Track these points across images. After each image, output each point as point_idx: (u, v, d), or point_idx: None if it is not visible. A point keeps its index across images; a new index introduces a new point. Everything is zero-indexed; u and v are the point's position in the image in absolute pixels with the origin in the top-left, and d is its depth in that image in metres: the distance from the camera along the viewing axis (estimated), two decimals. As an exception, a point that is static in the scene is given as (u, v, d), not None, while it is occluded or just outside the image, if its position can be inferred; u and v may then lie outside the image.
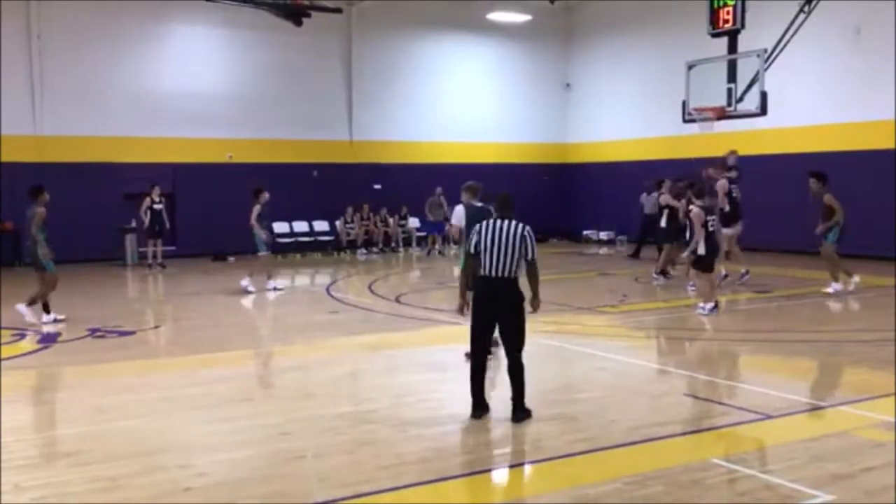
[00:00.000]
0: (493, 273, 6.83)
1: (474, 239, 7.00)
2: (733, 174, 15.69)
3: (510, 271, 6.83)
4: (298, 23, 21.07)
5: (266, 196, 15.71)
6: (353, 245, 23.64)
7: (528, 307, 6.97)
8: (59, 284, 12.60)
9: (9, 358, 9.71)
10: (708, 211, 12.76)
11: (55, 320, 12.06)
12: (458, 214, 9.49)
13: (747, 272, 15.36)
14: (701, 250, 12.43)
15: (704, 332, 11.46)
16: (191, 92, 22.54)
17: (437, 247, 23.37)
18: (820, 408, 7.37)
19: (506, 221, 7.02)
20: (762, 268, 17.55)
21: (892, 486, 5.38)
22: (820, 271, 17.26)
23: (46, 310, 12.18)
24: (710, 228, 12.58)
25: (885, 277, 16.03)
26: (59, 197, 20.79)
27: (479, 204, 9.36)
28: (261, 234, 15.58)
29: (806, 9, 16.66)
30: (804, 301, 13.88)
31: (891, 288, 14.89)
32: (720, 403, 7.49)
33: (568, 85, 28.40)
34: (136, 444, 6.46)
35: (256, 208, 15.64)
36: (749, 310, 13.25)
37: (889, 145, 19.07)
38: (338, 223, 23.73)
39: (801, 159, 20.96)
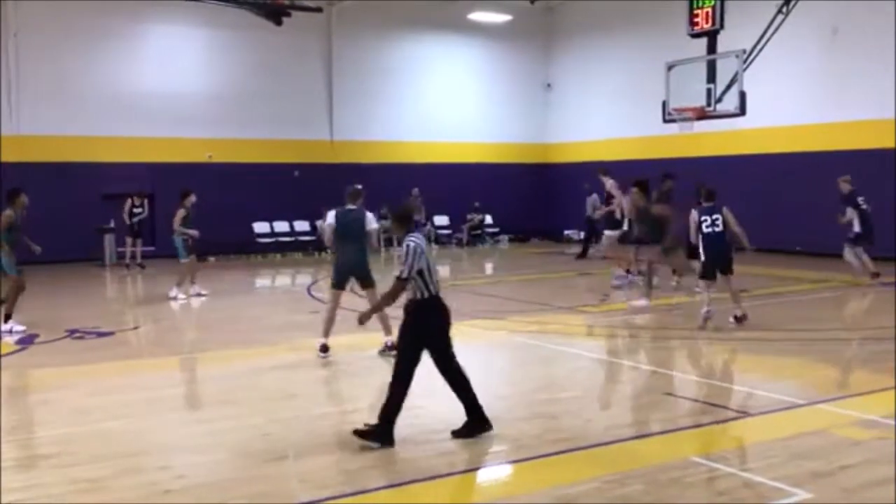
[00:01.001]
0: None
1: (421, 261, 6.42)
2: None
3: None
4: (279, 22, 21.00)
5: (193, 199, 15.07)
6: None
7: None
8: (38, 285, 12.47)
9: (-14, 360, 9.63)
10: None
11: (11, 331, 11.30)
12: (330, 217, 9.52)
13: (629, 272, 15.58)
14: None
15: (684, 332, 11.52)
16: (170, 91, 22.42)
17: None
18: (798, 406, 7.43)
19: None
20: (742, 267, 17.66)
21: (869, 483, 5.44)
22: (796, 270, 17.43)
23: (7, 318, 11.50)
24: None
25: (860, 275, 16.16)
26: (36, 197, 20.71)
27: (352, 207, 9.49)
28: (180, 240, 14.87)
29: (784, 10, 16.81)
30: (783, 300, 13.98)
31: (864, 286, 15.03)
32: (700, 402, 7.54)
33: (549, 85, 28.47)
34: (117, 445, 6.42)
35: (181, 212, 14.90)
36: (728, 309, 13.32)
37: (867, 145, 19.24)
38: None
39: (780, 159, 21.16)
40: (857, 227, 14.99)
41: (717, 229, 10.98)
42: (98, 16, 21.38)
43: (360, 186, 9.82)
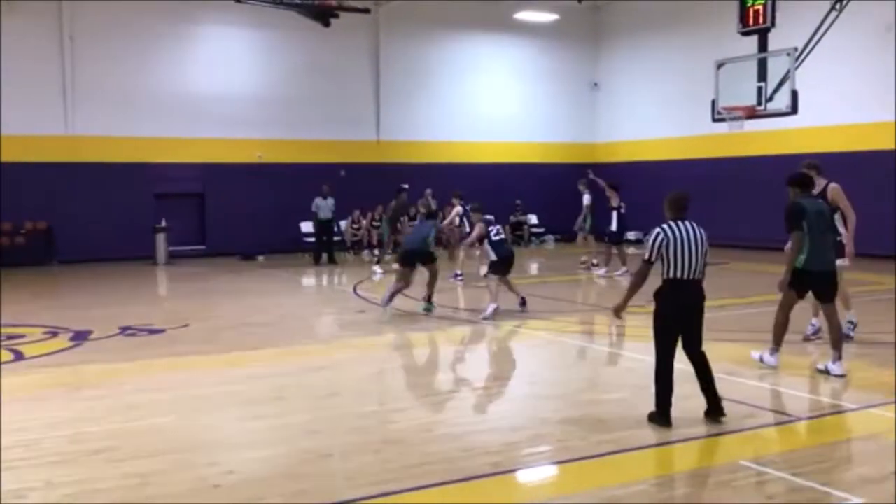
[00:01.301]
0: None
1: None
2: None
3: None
4: (327, 23, 21.17)
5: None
6: (358, 246, 23.49)
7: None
8: (93, 282, 12.73)
9: (41, 355, 9.86)
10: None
11: None
12: None
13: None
14: None
15: (733, 333, 11.36)
16: (220, 92, 22.74)
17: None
18: (849, 410, 7.29)
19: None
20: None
21: (923, 490, 5.32)
22: (852, 272, 17.05)
23: None
24: None
25: None
26: (91, 196, 21.31)
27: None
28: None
29: (837, 6, 16.46)
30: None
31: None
32: (749, 405, 7.44)
33: (596, 84, 28.29)
34: (166, 441, 6.53)
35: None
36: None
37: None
38: (343, 223, 23.41)
39: (833, 158, 20.74)
40: None
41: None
42: (151, 18, 21.79)
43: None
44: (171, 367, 9.47)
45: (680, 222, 6.81)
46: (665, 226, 6.82)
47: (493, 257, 12.67)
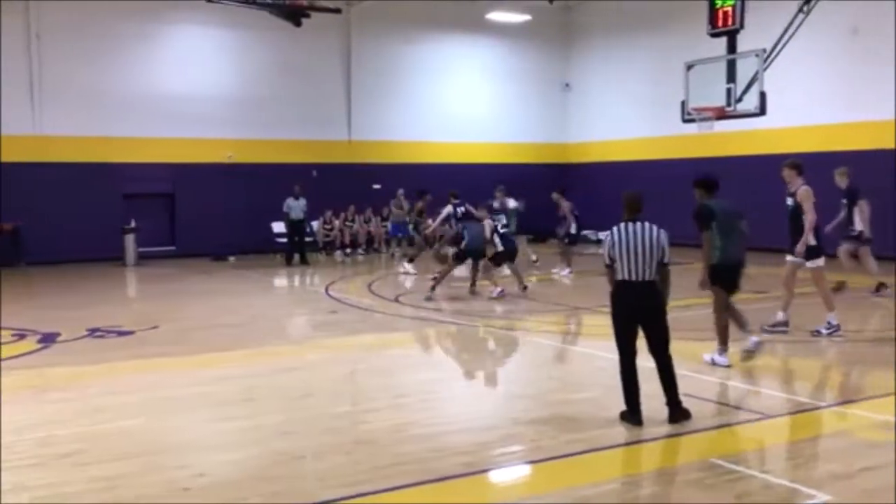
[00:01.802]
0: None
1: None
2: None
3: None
4: (298, 23, 21.06)
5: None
6: (331, 246, 23.41)
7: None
8: (60, 284, 12.59)
9: (9, 358, 9.71)
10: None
11: None
12: None
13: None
14: None
15: (702, 332, 11.45)
16: (190, 92, 22.55)
17: (400, 249, 22.52)
18: (818, 408, 7.37)
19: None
20: (761, 268, 17.52)
21: (889, 485, 5.38)
22: (829, 273, 17.25)
23: None
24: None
25: (881, 276, 16.00)
26: (58, 197, 21.04)
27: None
28: None
29: (805, 9, 16.66)
30: (803, 301, 13.84)
31: (888, 288, 14.88)
32: (719, 404, 7.50)
33: (567, 85, 28.40)
34: (136, 444, 6.47)
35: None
36: (746, 310, 13.23)
37: (888, 145, 19.07)
38: (315, 224, 23.28)
39: (801, 159, 20.98)
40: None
41: None
42: (119, 17, 21.54)
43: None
44: (140, 369, 9.37)
45: (631, 224, 6.84)
46: (615, 228, 6.88)
47: (500, 248, 14.70)
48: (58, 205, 20.98)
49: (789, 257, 10.54)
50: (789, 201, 10.67)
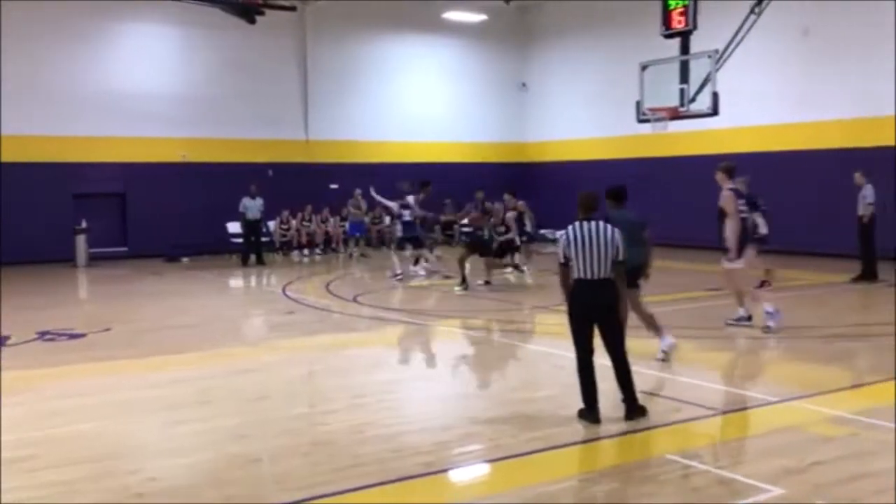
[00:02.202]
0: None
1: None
2: None
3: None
4: (252, 21, 20.90)
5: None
6: (288, 246, 23.25)
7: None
8: (9, 286, 12.32)
9: (-46, 362, 9.48)
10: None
11: None
12: None
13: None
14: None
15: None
16: (142, 90, 22.23)
17: (358, 249, 22.41)
18: (771, 403, 7.49)
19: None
20: (713, 265, 17.75)
21: (841, 479, 5.49)
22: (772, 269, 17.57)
23: None
24: None
25: (830, 274, 16.35)
26: (6, 197, 20.59)
27: None
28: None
29: (756, 10, 16.93)
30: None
31: (836, 285, 15.20)
32: (675, 400, 7.58)
33: (524, 84, 28.53)
34: (88, 448, 6.35)
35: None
36: (700, 307, 13.42)
37: (837, 144, 19.47)
38: (271, 224, 23.09)
39: (752, 159, 21.33)
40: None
41: None
42: (70, 14, 21.17)
43: None
44: (93, 372, 9.21)
45: (587, 222, 6.90)
46: (570, 227, 6.92)
47: (399, 234, 16.51)
48: (5, 205, 20.55)
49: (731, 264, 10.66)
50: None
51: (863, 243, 15.31)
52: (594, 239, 6.77)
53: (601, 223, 6.90)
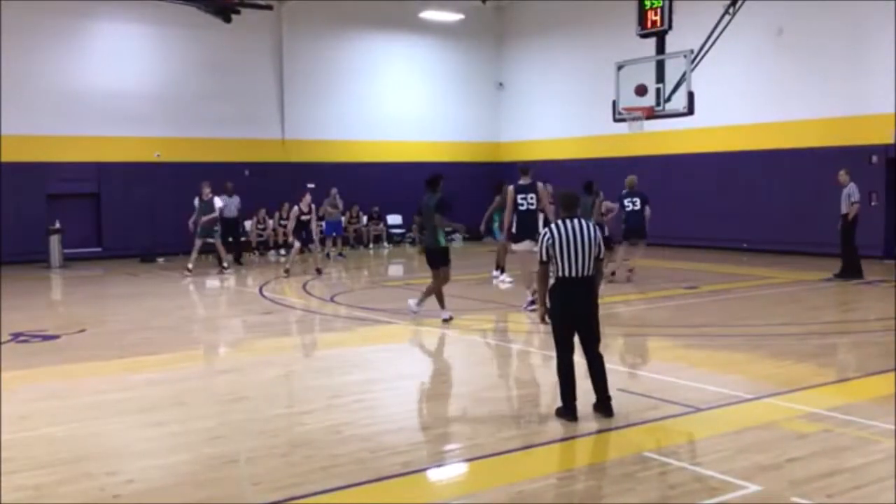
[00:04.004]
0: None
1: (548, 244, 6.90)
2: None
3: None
4: (228, 19, 20.80)
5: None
6: (264, 246, 23.10)
7: None
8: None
9: (-75, 365, 9.35)
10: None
11: None
12: None
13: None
14: None
15: (635, 328, 11.65)
16: (116, 89, 22.03)
17: (336, 249, 22.31)
18: (746, 400, 7.55)
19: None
20: (690, 264, 17.92)
21: (815, 475, 5.54)
22: (744, 267, 17.75)
23: None
24: None
25: (805, 272, 16.52)
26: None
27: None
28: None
29: (730, 10, 17.06)
30: (730, 296, 14.21)
31: (809, 283, 15.36)
32: (651, 398, 7.62)
33: (501, 84, 28.58)
34: (63, 451, 6.28)
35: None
36: (677, 305, 13.51)
37: (809, 144, 19.66)
38: (248, 223, 22.95)
39: (727, 158, 21.53)
40: None
41: None
42: (42, 12, 20.92)
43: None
44: (67, 374, 9.12)
45: (569, 221, 6.92)
46: (552, 226, 6.95)
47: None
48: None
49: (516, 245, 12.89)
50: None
51: (845, 241, 15.44)
52: (578, 237, 6.80)
53: (582, 221, 6.93)
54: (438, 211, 11.48)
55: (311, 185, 24.28)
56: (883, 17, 18.17)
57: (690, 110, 16.40)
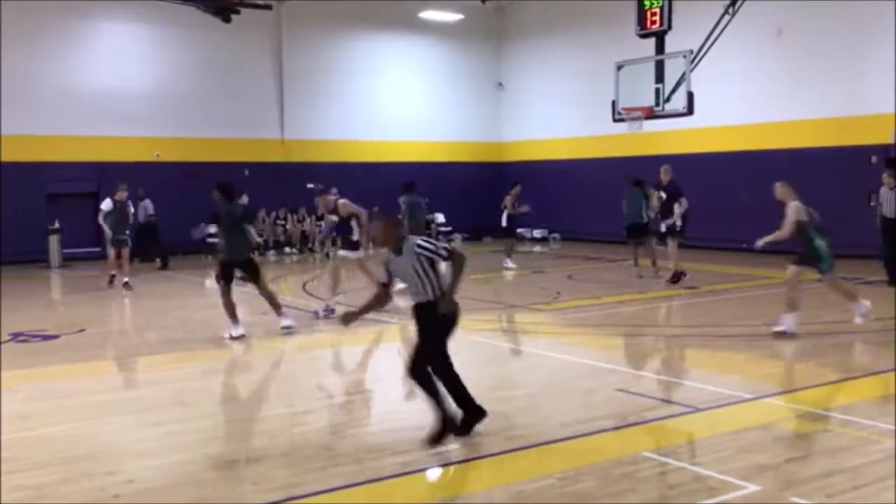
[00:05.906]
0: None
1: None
2: None
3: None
4: (227, 19, 20.77)
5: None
6: (264, 246, 23.09)
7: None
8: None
9: (-75, 365, 9.35)
10: None
11: None
12: None
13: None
14: None
15: (635, 329, 11.65)
16: (116, 89, 22.03)
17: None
18: (745, 400, 7.55)
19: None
20: (690, 264, 17.89)
21: (815, 475, 5.54)
22: (744, 267, 17.74)
23: None
24: None
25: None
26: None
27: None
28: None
29: (730, 10, 17.07)
30: (730, 296, 14.21)
31: (809, 283, 15.34)
32: (650, 398, 7.62)
33: (500, 84, 28.58)
34: (62, 451, 6.29)
35: None
36: (677, 305, 13.52)
37: (809, 143, 19.66)
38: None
39: (727, 158, 21.53)
40: None
41: None
42: (43, 12, 20.92)
43: None
44: (67, 374, 9.12)
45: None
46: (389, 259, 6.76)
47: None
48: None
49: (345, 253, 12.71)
50: None
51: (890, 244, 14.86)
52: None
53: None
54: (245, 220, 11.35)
55: (310, 185, 24.30)
56: (883, 17, 18.17)
57: (690, 110, 16.41)
